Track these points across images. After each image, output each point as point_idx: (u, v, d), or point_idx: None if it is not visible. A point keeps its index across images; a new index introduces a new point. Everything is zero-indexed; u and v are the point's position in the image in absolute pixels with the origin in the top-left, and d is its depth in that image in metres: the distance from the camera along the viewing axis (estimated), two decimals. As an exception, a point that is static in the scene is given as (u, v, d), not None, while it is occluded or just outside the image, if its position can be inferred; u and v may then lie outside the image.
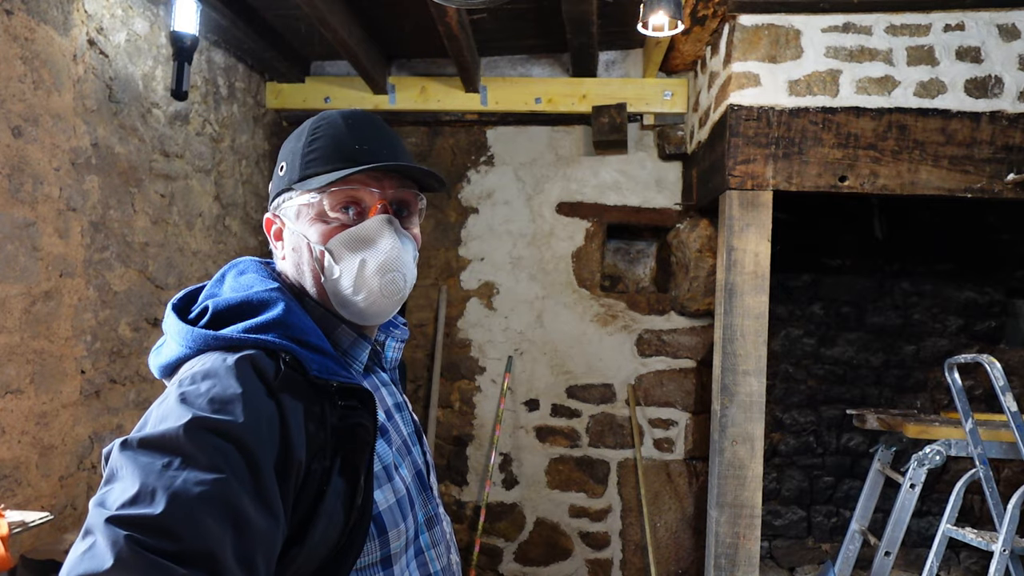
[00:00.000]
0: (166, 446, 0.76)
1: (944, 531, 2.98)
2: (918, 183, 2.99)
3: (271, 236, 1.06)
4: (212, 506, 0.74)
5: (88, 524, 0.73)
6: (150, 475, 0.74)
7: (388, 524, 0.93)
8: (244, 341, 0.87)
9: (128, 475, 0.75)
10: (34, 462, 2.38)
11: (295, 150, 1.02)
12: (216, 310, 0.93)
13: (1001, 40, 2.96)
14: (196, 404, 0.80)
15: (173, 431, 0.77)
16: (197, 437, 0.77)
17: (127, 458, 0.76)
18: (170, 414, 0.80)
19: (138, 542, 0.70)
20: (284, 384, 0.85)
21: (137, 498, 0.73)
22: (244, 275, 1.00)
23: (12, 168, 2.25)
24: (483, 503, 3.99)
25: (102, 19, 2.67)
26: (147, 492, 0.73)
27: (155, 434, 0.77)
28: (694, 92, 3.78)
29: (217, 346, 0.88)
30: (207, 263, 3.41)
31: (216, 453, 0.77)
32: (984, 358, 2.89)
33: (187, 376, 0.85)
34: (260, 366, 0.85)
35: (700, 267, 3.86)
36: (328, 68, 4.02)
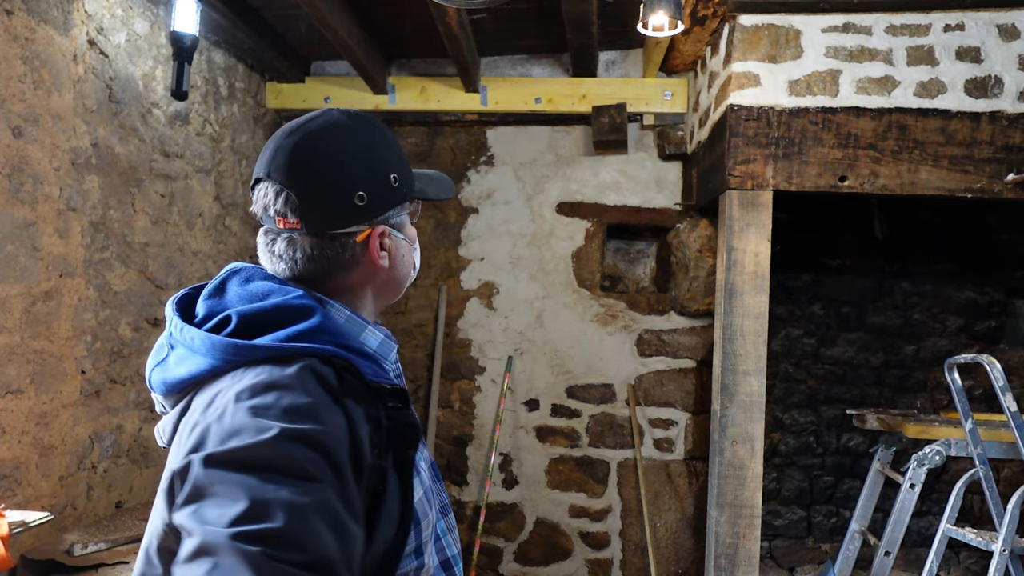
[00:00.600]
0: (260, 460, 0.76)
1: (944, 531, 2.98)
2: (918, 183, 2.99)
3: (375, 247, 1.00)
4: (320, 514, 0.75)
5: (199, 544, 0.72)
6: (253, 489, 0.74)
7: (420, 515, 0.95)
8: (296, 350, 0.86)
9: (227, 491, 0.74)
10: (34, 462, 2.38)
11: (402, 161, 1.04)
12: (242, 319, 0.89)
13: (1001, 40, 2.97)
14: (272, 415, 0.79)
15: (261, 444, 0.76)
16: (289, 448, 0.77)
17: (218, 474, 0.75)
18: (243, 427, 0.78)
19: (270, 556, 0.70)
20: (346, 391, 0.86)
21: (251, 514, 0.72)
22: (252, 282, 0.96)
23: (12, 168, 2.25)
24: (483, 503, 3.99)
25: (102, 19, 2.67)
26: (259, 507, 0.73)
27: (241, 447, 0.76)
28: (694, 92, 3.78)
29: (263, 357, 0.86)
30: (207, 263, 3.41)
31: (309, 463, 0.77)
32: (984, 358, 2.89)
33: (243, 389, 0.82)
34: (321, 374, 0.85)
35: (700, 267, 3.86)
36: (328, 68, 4.02)
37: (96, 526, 2.40)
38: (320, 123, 0.99)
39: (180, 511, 0.76)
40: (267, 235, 1.00)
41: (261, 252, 1.02)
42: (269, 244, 0.99)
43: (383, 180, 0.99)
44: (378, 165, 0.99)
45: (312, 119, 1.00)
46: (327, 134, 0.98)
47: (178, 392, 0.92)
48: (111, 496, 2.78)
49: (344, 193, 0.96)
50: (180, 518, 0.76)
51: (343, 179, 0.97)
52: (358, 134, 1.00)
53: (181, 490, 0.78)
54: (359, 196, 0.96)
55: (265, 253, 1.01)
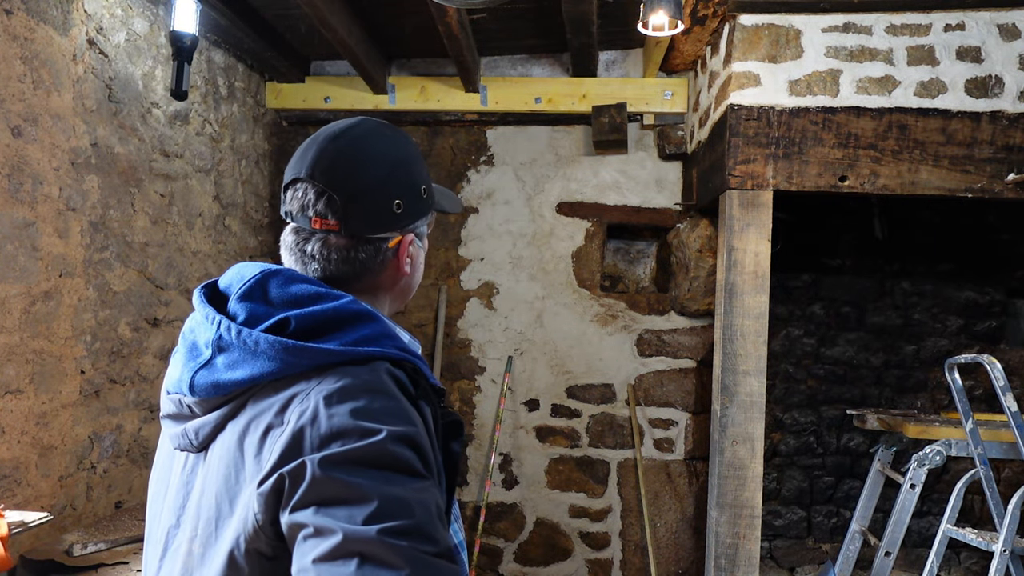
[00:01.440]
0: (376, 460, 0.80)
1: (944, 531, 2.98)
2: (918, 183, 2.99)
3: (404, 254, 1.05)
4: (434, 508, 0.81)
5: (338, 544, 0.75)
6: (380, 489, 0.78)
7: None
8: (369, 354, 0.89)
9: (352, 491, 0.78)
10: (34, 462, 2.37)
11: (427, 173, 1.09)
12: (301, 322, 0.89)
13: (1001, 40, 2.96)
14: (373, 418, 0.82)
15: (376, 445, 0.80)
16: (398, 449, 0.81)
17: (339, 475, 0.79)
18: (347, 429, 0.81)
19: (416, 549, 0.75)
20: (421, 393, 0.91)
21: (384, 511, 0.76)
22: (295, 284, 0.94)
23: (12, 168, 2.25)
24: (483, 503, 3.98)
25: (102, 19, 2.67)
26: (392, 504, 0.77)
27: (356, 448, 0.80)
28: (694, 92, 3.78)
29: (337, 361, 0.87)
30: (207, 263, 3.41)
31: (416, 461, 0.82)
32: (984, 358, 2.89)
33: (333, 392, 0.84)
34: (397, 377, 0.89)
35: (700, 267, 3.86)
36: (328, 68, 4.02)
37: (96, 526, 2.39)
38: (363, 131, 1.03)
39: (299, 512, 0.78)
40: (298, 234, 1.01)
41: (287, 250, 1.02)
42: (300, 243, 1.00)
43: (416, 190, 1.04)
44: (413, 176, 1.04)
45: (354, 126, 1.03)
46: (371, 142, 1.02)
47: (225, 395, 0.90)
48: (111, 496, 2.78)
49: (385, 200, 1.00)
50: (300, 517, 0.78)
51: (384, 186, 1.00)
52: (397, 145, 1.04)
53: (296, 491, 0.79)
54: (396, 204, 1.01)
55: (293, 252, 1.01)
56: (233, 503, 0.85)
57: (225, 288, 0.98)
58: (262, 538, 0.82)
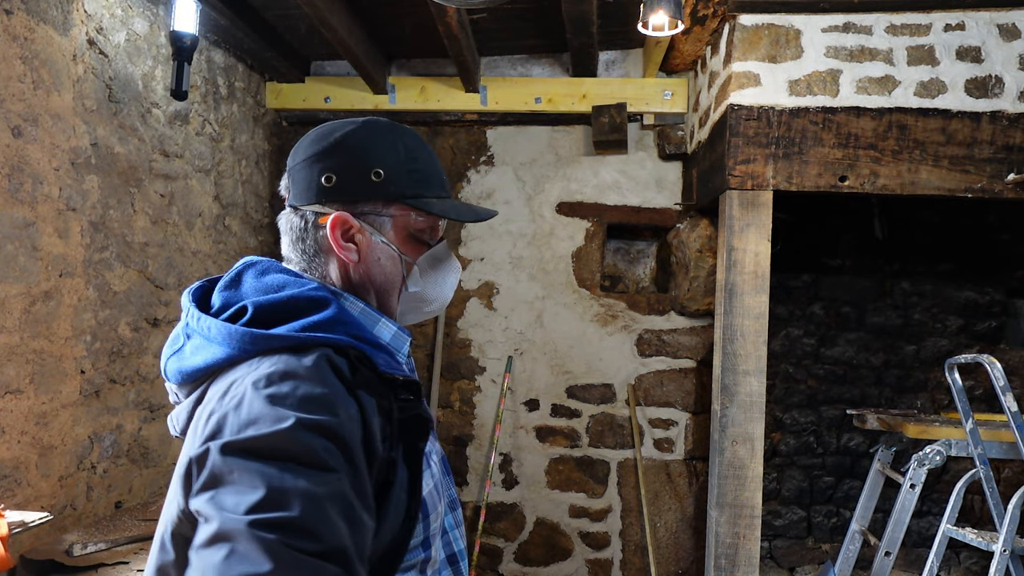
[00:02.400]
0: (278, 449, 0.77)
1: (944, 531, 2.98)
2: (918, 183, 2.99)
3: (337, 234, 0.99)
4: (335, 504, 0.76)
5: (217, 530, 0.73)
6: (271, 478, 0.75)
7: (430, 507, 0.96)
8: (312, 340, 0.87)
9: (245, 479, 0.75)
10: (34, 462, 2.37)
11: (398, 163, 1.01)
12: (258, 309, 0.91)
13: (1001, 40, 2.96)
14: (289, 405, 0.80)
15: (279, 433, 0.77)
16: (306, 438, 0.78)
17: (236, 462, 0.77)
18: (261, 416, 0.79)
19: (286, 544, 0.72)
20: (359, 381, 0.88)
21: (268, 502, 0.74)
22: (268, 275, 0.98)
23: (12, 168, 2.25)
24: (483, 503, 3.98)
25: (102, 19, 2.67)
26: (277, 495, 0.74)
27: (259, 436, 0.78)
28: (694, 92, 3.78)
29: (280, 346, 0.87)
30: (207, 263, 3.41)
31: (325, 453, 0.78)
32: (984, 358, 2.89)
33: (260, 378, 0.83)
34: (336, 364, 0.87)
35: (700, 267, 3.86)
36: (328, 68, 4.02)
37: (96, 526, 2.40)
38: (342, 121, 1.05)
39: (197, 497, 0.77)
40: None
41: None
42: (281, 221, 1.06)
43: (362, 171, 1.00)
44: (364, 158, 1.00)
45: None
46: (334, 125, 1.03)
47: (193, 381, 0.93)
48: (111, 496, 2.78)
49: (316, 172, 1.00)
50: (197, 504, 0.77)
51: (319, 160, 1.00)
52: (363, 128, 1.02)
53: (198, 477, 0.78)
54: (327, 177, 0.99)
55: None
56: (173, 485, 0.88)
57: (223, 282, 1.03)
58: (184, 523, 0.82)
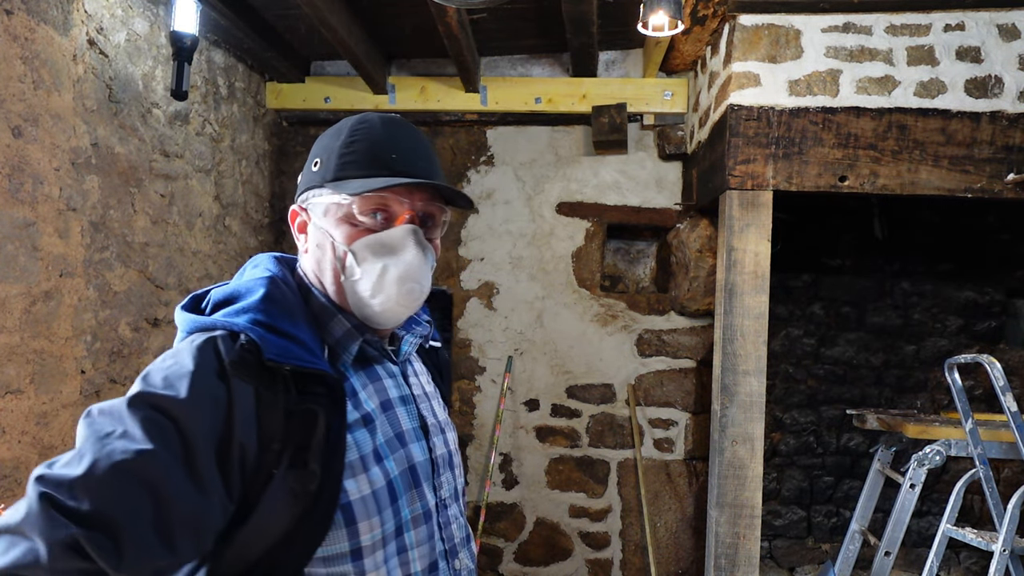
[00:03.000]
0: (112, 416, 0.83)
1: (944, 531, 2.98)
2: (918, 183, 2.99)
3: (295, 228, 1.09)
4: (131, 475, 0.79)
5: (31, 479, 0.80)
6: (89, 440, 0.81)
7: (359, 515, 0.92)
8: (215, 324, 0.92)
9: (78, 439, 0.83)
10: (34, 462, 2.37)
11: (331, 148, 1.03)
12: (215, 298, 0.99)
13: (1001, 40, 2.96)
14: (149, 380, 0.86)
15: (120, 402, 0.84)
16: (138, 410, 0.83)
17: (84, 424, 0.84)
18: (131, 389, 0.87)
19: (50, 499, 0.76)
20: (237, 366, 0.88)
21: (67, 461, 0.80)
22: (256, 268, 1.05)
23: (12, 168, 2.25)
24: (483, 503, 3.99)
25: (102, 19, 2.67)
26: (79, 455, 0.80)
27: (107, 405, 0.85)
28: (694, 92, 3.78)
29: (198, 328, 0.94)
30: (207, 263, 3.41)
31: (152, 426, 0.82)
32: (984, 358, 2.89)
33: (160, 355, 0.92)
34: (219, 348, 0.89)
35: (700, 267, 3.86)
36: (328, 68, 4.02)
37: (96, 526, 2.39)
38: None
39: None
40: None
41: None
42: None
43: (311, 163, 1.06)
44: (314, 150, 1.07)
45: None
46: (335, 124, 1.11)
47: None
48: (111, 496, 2.78)
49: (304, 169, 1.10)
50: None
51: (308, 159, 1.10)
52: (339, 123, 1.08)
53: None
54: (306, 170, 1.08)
55: None
56: None
57: None
58: None
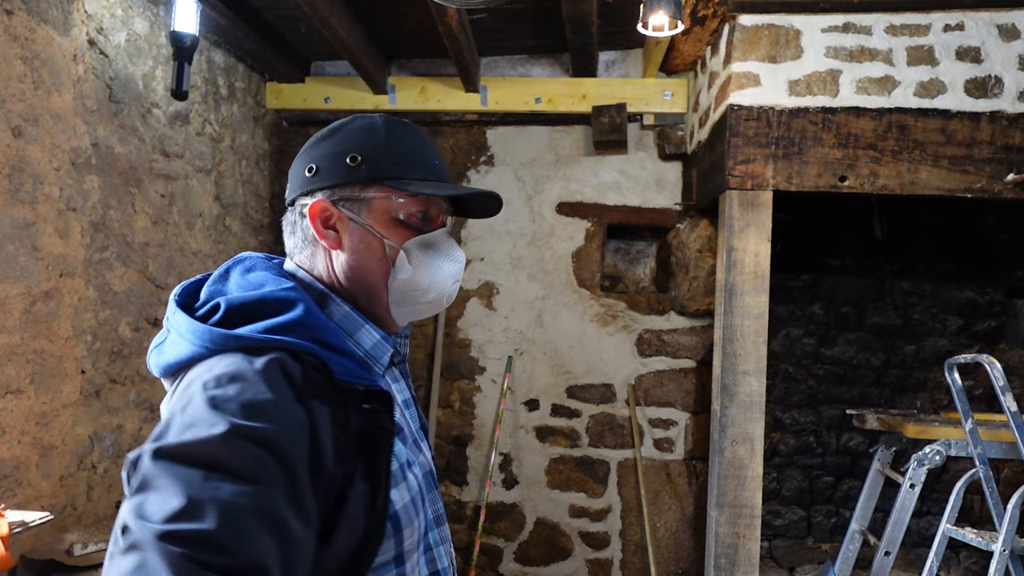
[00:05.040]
0: (205, 456, 0.74)
1: (944, 531, 2.98)
2: (918, 183, 2.99)
3: (317, 223, 0.99)
4: (258, 518, 0.73)
5: (133, 539, 0.71)
6: (193, 487, 0.72)
7: (404, 522, 0.94)
8: (267, 342, 0.85)
9: (167, 486, 0.73)
10: (34, 462, 2.38)
11: (376, 146, 1.00)
12: (229, 308, 0.89)
13: (1001, 40, 2.96)
14: (228, 410, 0.78)
15: (210, 440, 0.75)
16: (235, 446, 0.75)
17: (163, 467, 0.74)
18: (200, 420, 0.77)
19: (193, 559, 0.69)
20: (312, 389, 0.84)
21: (184, 512, 0.71)
22: (252, 272, 0.97)
23: (12, 168, 2.25)
24: (483, 503, 3.99)
25: (102, 19, 2.67)
26: (194, 506, 0.71)
27: (190, 442, 0.75)
28: (694, 92, 3.78)
29: (237, 346, 0.85)
30: (207, 263, 3.41)
31: (255, 463, 0.76)
32: (984, 358, 2.89)
33: (211, 379, 0.81)
34: (288, 370, 0.84)
35: (700, 267, 3.86)
36: (328, 68, 4.02)
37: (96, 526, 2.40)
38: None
39: (127, 501, 0.75)
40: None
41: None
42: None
43: (339, 157, 1.00)
44: (342, 144, 1.01)
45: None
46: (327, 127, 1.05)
47: (171, 375, 0.93)
48: (111, 496, 2.78)
49: (302, 166, 1.03)
50: (124, 507, 0.75)
51: (307, 154, 1.03)
52: (350, 121, 1.04)
53: (132, 481, 0.76)
54: (310, 168, 1.01)
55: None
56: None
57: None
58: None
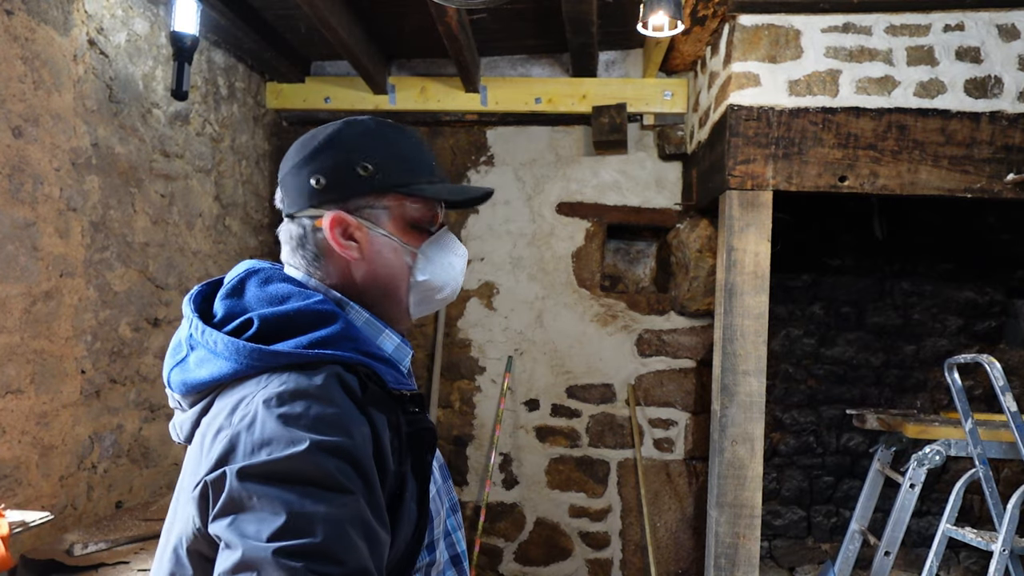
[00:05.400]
0: (294, 472, 0.77)
1: (944, 531, 2.98)
2: (918, 183, 2.99)
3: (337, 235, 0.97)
4: (353, 526, 0.77)
5: (244, 558, 0.73)
6: (291, 503, 0.75)
7: (433, 513, 0.98)
8: (321, 358, 0.86)
9: (264, 505, 0.75)
10: (34, 462, 2.38)
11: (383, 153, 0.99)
12: (263, 323, 0.89)
13: (1001, 40, 2.96)
14: (303, 426, 0.80)
15: (296, 456, 0.77)
16: (320, 460, 0.78)
17: (254, 487, 0.77)
18: (277, 438, 0.79)
19: (312, 571, 0.72)
20: (370, 399, 0.87)
21: (290, 528, 0.74)
22: (271, 284, 0.95)
23: (12, 168, 2.26)
24: (483, 503, 3.99)
25: (102, 19, 2.67)
26: (298, 521, 0.74)
27: (275, 459, 0.77)
28: (694, 92, 3.78)
29: (287, 363, 0.86)
30: (207, 263, 3.41)
31: (340, 474, 0.78)
32: (984, 358, 2.89)
33: (272, 397, 0.82)
34: (346, 383, 0.85)
35: (700, 267, 3.86)
36: (328, 68, 4.02)
37: (96, 526, 2.40)
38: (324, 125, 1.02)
39: (217, 522, 0.78)
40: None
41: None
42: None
43: (347, 167, 0.97)
44: (349, 154, 0.98)
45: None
46: (317, 130, 1.02)
47: (198, 393, 0.92)
48: (111, 496, 2.78)
49: (306, 176, 0.98)
50: (217, 529, 0.77)
51: (306, 164, 0.99)
52: (344, 127, 1.01)
53: (216, 501, 0.78)
54: (316, 179, 0.97)
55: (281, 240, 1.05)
56: (184, 501, 0.86)
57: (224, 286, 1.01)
58: (200, 540, 0.83)
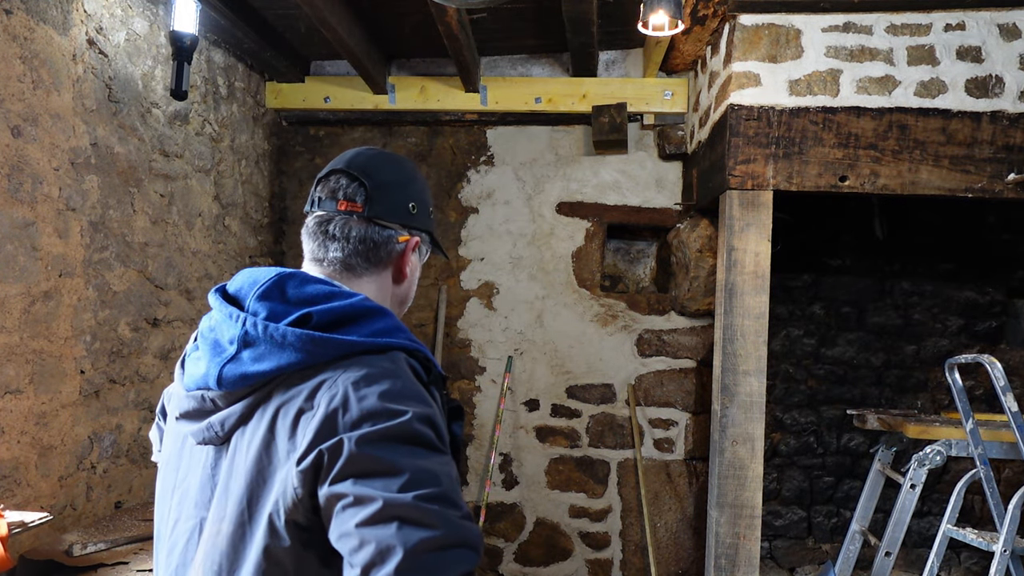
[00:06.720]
0: (405, 436, 0.91)
1: (945, 531, 2.98)
2: (918, 183, 2.99)
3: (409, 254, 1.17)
4: (453, 478, 0.92)
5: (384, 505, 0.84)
6: (413, 461, 0.89)
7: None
8: (386, 344, 0.99)
9: (385, 465, 0.88)
10: (33, 462, 2.37)
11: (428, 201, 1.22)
12: (322, 317, 0.99)
13: (1002, 40, 2.96)
14: (399, 400, 0.93)
15: (404, 424, 0.91)
16: (421, 426, 0.92)
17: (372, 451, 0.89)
18: (379, 411, 0.91)
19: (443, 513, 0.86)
20: (430, 378, 1.03)
21: (418, 480, 0.87)
22: (310, 285, 1.05)
23: (11, 168, 2.25)
24: (483, 503, 3.98)
25: (101, 19, 2.67)
26: (422, 474, 0.88)
27: (388, 427, 0.90)
28: (694, 92, 3.78)
29: (360, 350, 0.98)
30: (207, 263, 3.41)
31: (435, 438, 0.93)
32: (985, 358, 2.89)
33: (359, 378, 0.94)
34: (413, 365, 1.01)
35: (700, 267, 3.86)
36: (328, 68, 4.02)
37: (95, 526, 2.39)
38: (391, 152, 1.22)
39: (339, 484, 0.88)
40: (322, 218, 1.13)
41: (309, 235, 1.14)
42: (323, 225, 1.12)
43: (425, 205, 1.20)
44: (425, 195, 1.21)
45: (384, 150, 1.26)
46: (401, 158, 1.22)
47: (251, 386, 0.98)
48: (110, 496, 2.78)
49: (403, 198, 1.16)
50: (341, 488, 0.87)
51: (406, 187, 1.17)
52: (418, 170, 1.23)
53: (334, 465, 0.89)
54: (412, 205, 1.16)
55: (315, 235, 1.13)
56: (269, 481, 0.94)
57: (235, 291, 1.06)
58: (300, 510, 0.91)
